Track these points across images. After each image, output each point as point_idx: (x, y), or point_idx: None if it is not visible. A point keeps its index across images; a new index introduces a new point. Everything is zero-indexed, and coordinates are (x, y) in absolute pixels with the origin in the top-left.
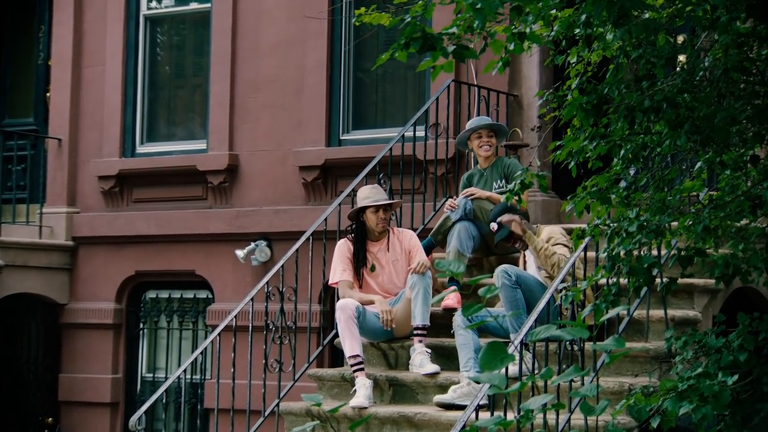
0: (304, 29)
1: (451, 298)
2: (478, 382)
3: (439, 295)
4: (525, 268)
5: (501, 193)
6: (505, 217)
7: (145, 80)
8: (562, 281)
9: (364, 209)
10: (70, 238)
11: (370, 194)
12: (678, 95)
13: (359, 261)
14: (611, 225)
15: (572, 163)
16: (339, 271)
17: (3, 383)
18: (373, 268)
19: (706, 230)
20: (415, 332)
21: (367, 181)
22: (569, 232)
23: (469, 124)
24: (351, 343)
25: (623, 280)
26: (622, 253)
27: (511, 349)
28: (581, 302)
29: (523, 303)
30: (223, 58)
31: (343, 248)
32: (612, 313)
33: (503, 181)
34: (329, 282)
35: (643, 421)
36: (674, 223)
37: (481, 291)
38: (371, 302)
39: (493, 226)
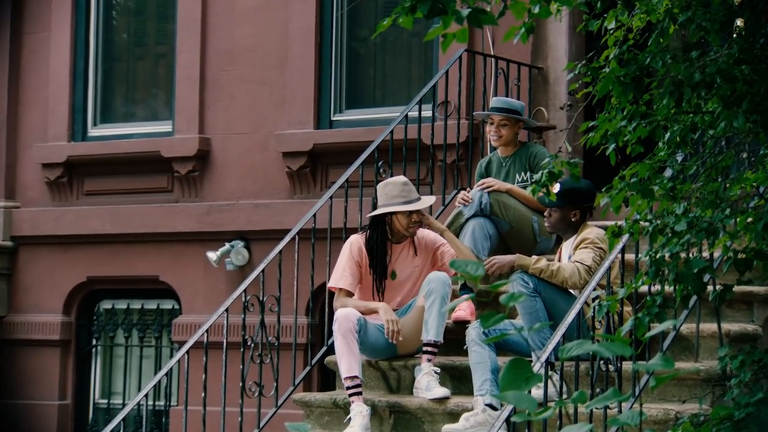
0: None
1: (464, 308)
2: (495, 409)
3: (449, 303)
4: None
5: (524, 188)
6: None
7: (98, 50)
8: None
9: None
10: (8, 237)
11: (401, 193)
12: (734, 67)
13: (378, 272)
14: (654, 221)
15: (611, 148)
16: (340, 275)
17: None
18: (393, 275)
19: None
20: (424, 349)
21: (363, 171)
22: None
23: (491, 104)
24: (349, 361)
25: (668, 287)
26: (667, 256)
27: (535, 369)
28: (618, 314)
29: (544, 314)
30: (192, 24)
31: (354, 248)
32: (660, 328)
33: (528, 173)
34: (329, 285)
35: None
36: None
37: (502, 298)
38: (374, 311)
39: (556, 186)
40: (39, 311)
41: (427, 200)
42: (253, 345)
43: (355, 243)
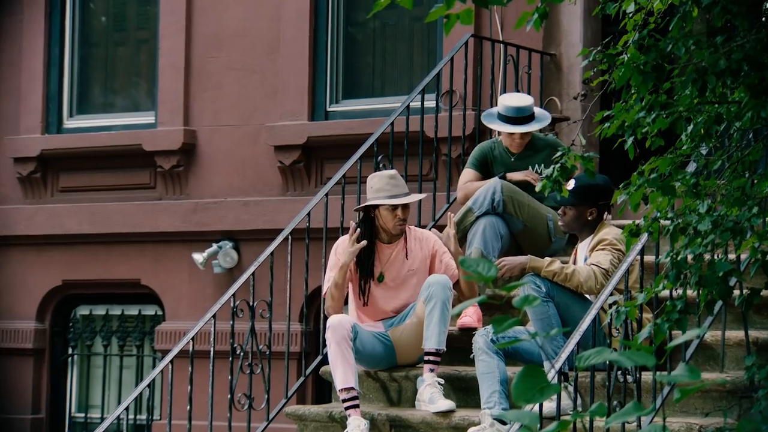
0: None
1: (470, 314)
2: (504, 423)
3: (456, 307)
4: None
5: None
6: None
7: (74, 34)
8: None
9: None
10: None
11: (386, 186)
12: (763, 53)
13: (364, 270)
14: (675, 219)
15: (628, 141)
16: (329, 278)
17: None
18: (381, 278)
19: None
20: (426, 358)
21: (361, 166)
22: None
23: (500, 103)
24: (344, 371)
25: (690, 292)
26: (689, 257)
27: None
28: (638, 320)
29: (557, 321)
30: (176, 7)
31: (339, 249)
32: (684, 338)
33: (541, 165)
34: (323, 291)
35: None
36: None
37: (515, 301)
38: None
39: (571, 183)
40: (10, 317)
41: (415, 197)
42: (242, 354)
43: (342, 243)
